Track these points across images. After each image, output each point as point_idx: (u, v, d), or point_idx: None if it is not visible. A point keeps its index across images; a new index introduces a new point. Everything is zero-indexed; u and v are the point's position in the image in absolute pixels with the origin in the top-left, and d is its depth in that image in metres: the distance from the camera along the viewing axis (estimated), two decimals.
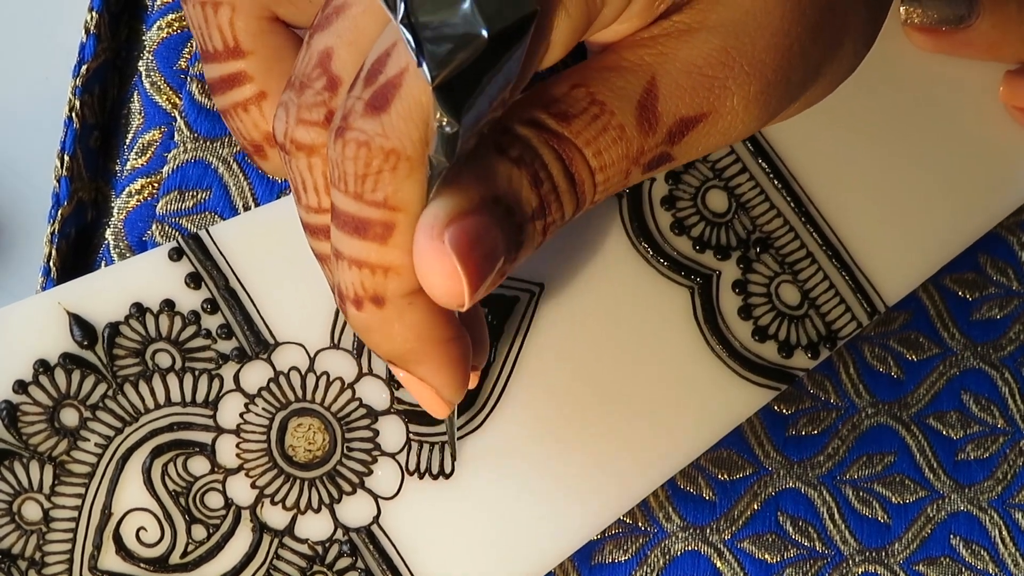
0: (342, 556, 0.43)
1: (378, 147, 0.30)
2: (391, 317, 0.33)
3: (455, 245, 0.30)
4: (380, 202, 0.31)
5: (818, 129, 0.48)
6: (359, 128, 0.31)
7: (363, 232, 0.32)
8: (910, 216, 0.48)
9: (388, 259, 0.32)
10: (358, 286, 0.33)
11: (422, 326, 0.34)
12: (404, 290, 0.32)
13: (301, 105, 0.33)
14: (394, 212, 0.31)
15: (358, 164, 0.31)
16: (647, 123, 0.32)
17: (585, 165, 0.32)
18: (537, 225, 0.32)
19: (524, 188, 0.32)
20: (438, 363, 0.35)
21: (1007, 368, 0.49)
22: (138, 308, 0.43)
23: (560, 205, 0.32)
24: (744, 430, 0.48)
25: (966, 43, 0.48)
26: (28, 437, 0.42)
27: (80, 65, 0.49)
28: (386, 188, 0.31)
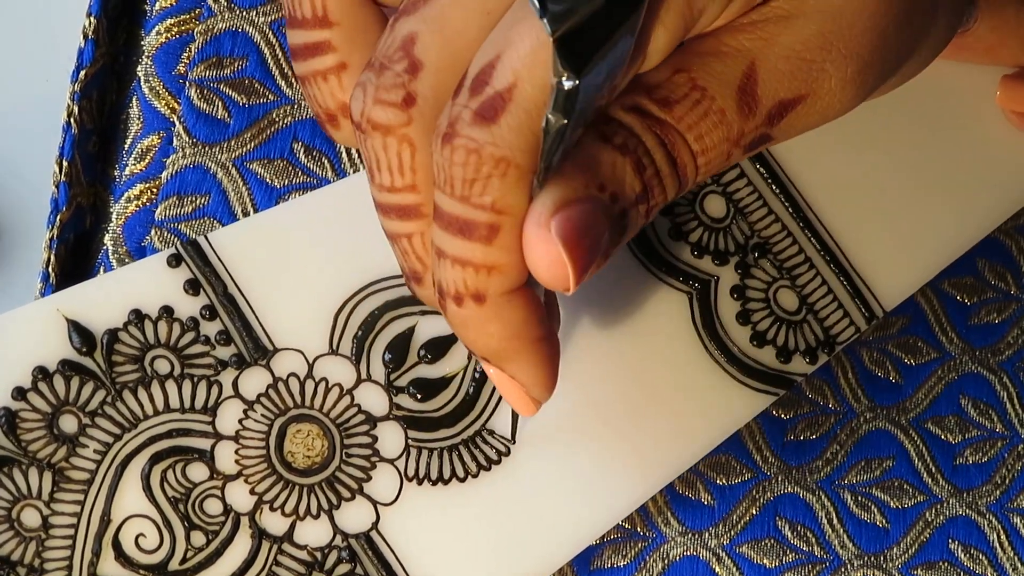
0: (341, 562, 0.43)
1: (488, 155, 0.31)
2: (490, 315, 0.34)
3: (560, 233, 0.31)
4: (487, 205, 0.32)
5: (815, 135, 0.48)
6: (468, 136, 0.31)
7: (468, 233, 0.33)
8: (908, 221, 0.48)
9: (492, 259, 0.33)
10: (460, 284, 0.34)
11: (518, 324, 0.34)
12: (505, 288, 0.33)
13: (380, 86, 0.34)
14: (500, 215, 0.32)
15: (467, 169, 0.32)
16: (747, 107, 0.33)
17: (687, 149, 0.33)
18: (640, 209, 0.33)
19: (628, 175, 0.32)
20: (530, 361, 0.36)
21: (1005, 372, 0.49)
22: (137, 314, 0.43)
23: (663, 188, 0.33)
24: (743, 435, 0.48)
25: (963, 47, 0.48)
26: (27, 444, 0.42)
27: (78, 70, 0.49)
28: (494, 193, 0.32)
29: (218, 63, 0.48)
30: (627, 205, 0.33)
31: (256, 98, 0.48)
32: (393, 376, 0.44)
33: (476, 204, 0.32)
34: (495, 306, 0.34)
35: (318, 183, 0.47)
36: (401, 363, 0.44)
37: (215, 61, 0.48)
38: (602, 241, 0.32)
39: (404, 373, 0.44)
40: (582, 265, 0.32)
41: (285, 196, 0.47)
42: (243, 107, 0.48)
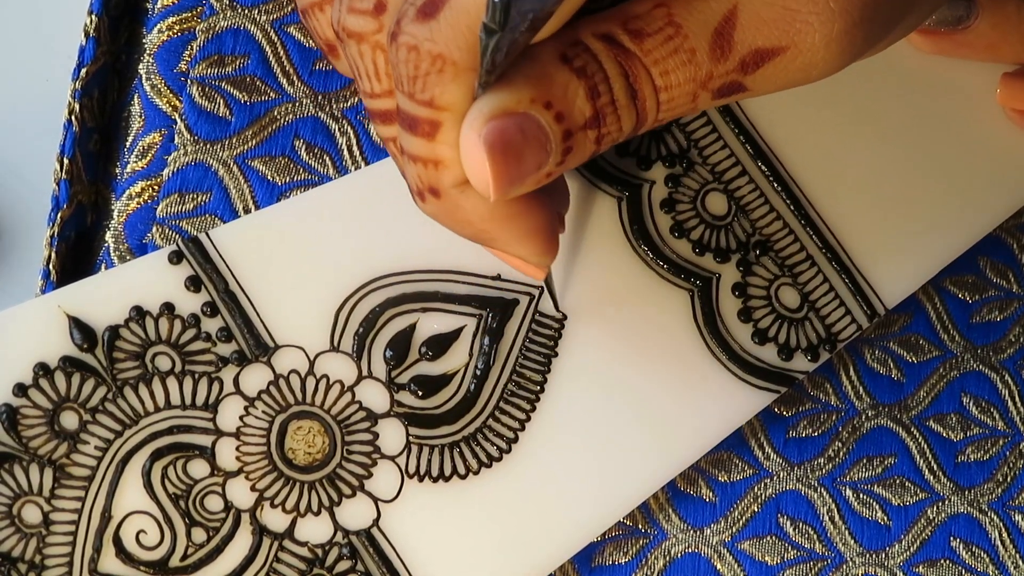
0: (342, 559, 0.43)
1: (426, 51, 0.32)
2: (450, 206, 0.35)
3: (487, 141, 0.32)
4: (427, 101, 0.32)
5: (817, 131, 0.48)
6: (409, 32, 0.32)
7: (414, 128, 0.33)
8: (909, 219, 0.48)
9: (436, 153, 0.33)
10: (416, 179, 0.35)
11: (481, 210, 0.35)
12: (454, 182, 0.34)
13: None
14: (440, 111, 0.33)
15: (408, 66, 0.32)
16: (720, 50, 0.33)
17: (650, 83, 0.33)
18: (589, 134, 0.34)
19: (580, 98, 0.33)
20: (513, 237, 0.36)
21: (1007, 370, 0.49)
22: (138, 311, 0.43)
23: (618, 119, 0.34)
24: (744, 432, 0.48)
25: (964, 44, 0.48)
26: (28, 440, 0.42)
27: (80, 68, 0.49)
28: (432, 89, 0.32)
29: (220, 61, 0.48)
30: (573, 127, 0.33)
31: (257, 96, 0.48)
32: (394, 373, 0.44)
33: (418, 100, 0.33)
34: (452, 198, 0.35)
35: (319, 180, 0.47)
36: (402, 360, 0.44)
37: (217, 59, 0.48)
38: (536, 157, 0.33)
39: (405, 370, 0.44)
40: (504, 176, 0.32)
41: (286, 193, 0.47)
42: (244, 105, 0.48)
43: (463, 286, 0.45)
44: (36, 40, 0.68)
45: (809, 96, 0.48)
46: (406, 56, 0.32)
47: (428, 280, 0.45)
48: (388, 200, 0.45)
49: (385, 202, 0.45)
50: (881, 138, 0.48)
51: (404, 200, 0.45)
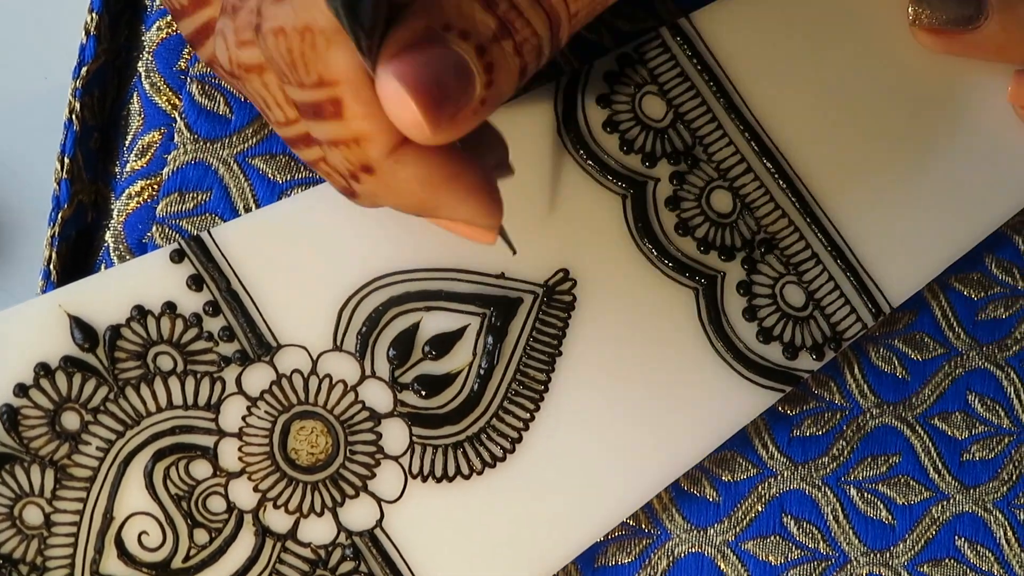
0: (345, 560, 0.43)
1: (292, 29, 0.31)
2: (388, 179, 0.34)
3: (402, 81, 0.31)
4: (316, 82, 0.32)
5: (824, 129, 0.48)
6: (271, 16, 0.31)
7: (320, 114, 0.32)
8: (915, 216, 0.48)
9: (352, 129, 0.32)
10: (344, 163, 0.34)
11: (420, 175, 0.34)
12: (383, 151, 0.33)
13: (237, 27, 0.34)
14: (334, 86, 0.32)
15: (282, 52, 0.31)
16: None
17: None
18: (505, 45, 0.33)
19: (477, 11, 0.32)
20: (456, 200, 0.35)
21: (1013, 368, 0.49)
22: (139, 310, 0.43)
23: (527, 22, 0.33)
24: (748, 431, 0.47)
25: (974, 44, 0.48)
26: (29, 441, 0.42)
27: (80, 67, 0.49)
28: (316, 66, 0.31)
29: None
30: (483, 41, 0.32)
31: None
32: (397, 372, 0.44)
33: (309, 84, 0.32)
34: (386, 170, 0.34)
35: (320, 179, 0.47)
36: (405, 359, 0.44)
37: None
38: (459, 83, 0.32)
39: (408, 369, 0.44)
40: (435, 110, 0.31)
41: (287, 192, 0.47)
42: (244, 103, 0.47)
43: (467, 284, 0.45)
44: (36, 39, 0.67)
45: (815, 94, 0.48)
46: (275, 43, 0.31)
47: (431, 279, 0.44)
48: None
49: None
50: (886, 136, 0.48)
51: None
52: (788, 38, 0.48)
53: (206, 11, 0.39)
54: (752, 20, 0.48)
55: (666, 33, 0.47)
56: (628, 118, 0.47)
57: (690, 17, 0.48)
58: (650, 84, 0.47)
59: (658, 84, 0.47)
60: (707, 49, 0.48)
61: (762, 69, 0.48)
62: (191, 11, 0.39)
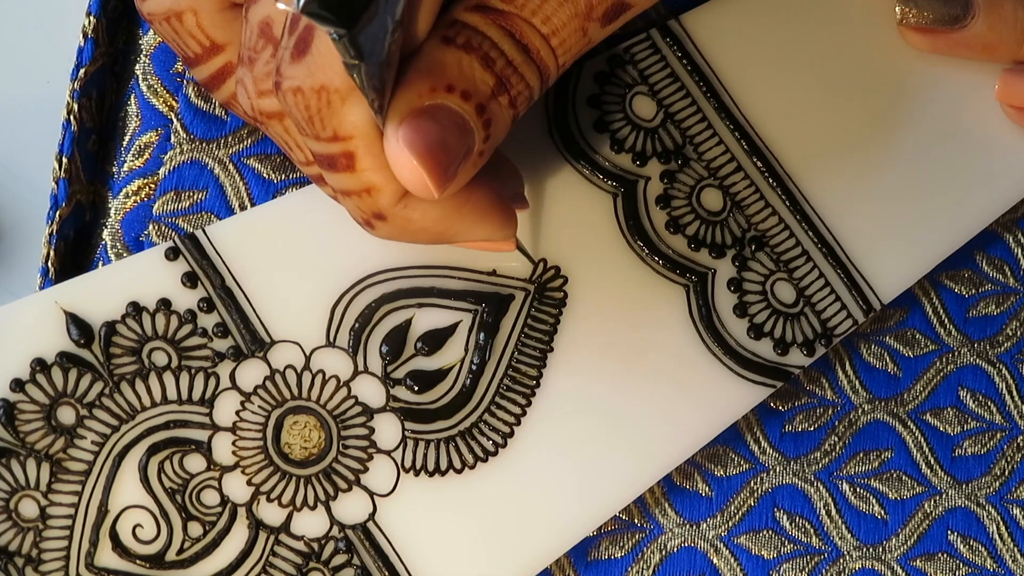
0: (338, 553, 0.43)
1: (309, 88, 0.32)
2: (401, 224, 0.35)
3: (408, 143, 0.32)
4: (332, 136, 0.33)
5: (813, 127, 0.48)
6: (289, 76, 0.33)
7: (334, 166, 0.34)
8: (906, 213, 0.48)
9: (364, 182, 0.34)
10: (358, 212, 0.35)
11: (431, 215, 0.36)
12: (393, 200, 0.35)
13: (256, 78, 0.35)
14: (347, 141, 0.33)
15: (300, 109, 0.33)
16: None
17: (536, 34, 0.34)
18: (502, 101, 0.34)
19: (477, 70, 0.34)
20: (470, 225, 0.37)
21: (1004, 364, 0.49)
22: (135, 307, 0.44)
23: (522, 77, 0.34)
24: (740, 427, 0.48)
25: (961, 43, 0.48)
26: (25, 435, 0.43)
27: (78, 69, 0.50)
28: (330, 122, 0.33)
29: None
30: (483, 100, 0.34)
31: None
32: (390, 368, 0.44)
33: (324, 139, 0.33)
34: (399, 215, 0.35)
35: None
36: (398, 355, 0.44)
37: None
38: (460, 141, 0.33)
39: (401, 365, 0.44)
40: (439, 169, 0.33)
41: (282, 191, 0.47)
42: None
43: (458, 281, 0.45)
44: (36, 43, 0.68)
45: (804, 93, 0.48)
46: (294, 100, 0.33)
47: (424, 276, 0.45)
48: None
49: None
50: (877, 133, 0.48)
51: None
52: (777, 38, 0.49)
53: (220, 58, 0.41)
54: (741, 21, 0.49)
55: (656, 34, 0.48)
56: (619, 118, 0.47)
57: (679, 19, 0.48)
58: (640, 84, 0.47)
59: (648, 84, 0.48)
60: (696, 50, 0.48)
61: (751, 69, 0.48)
62: (205, 59, 0.41)
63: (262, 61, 0.35)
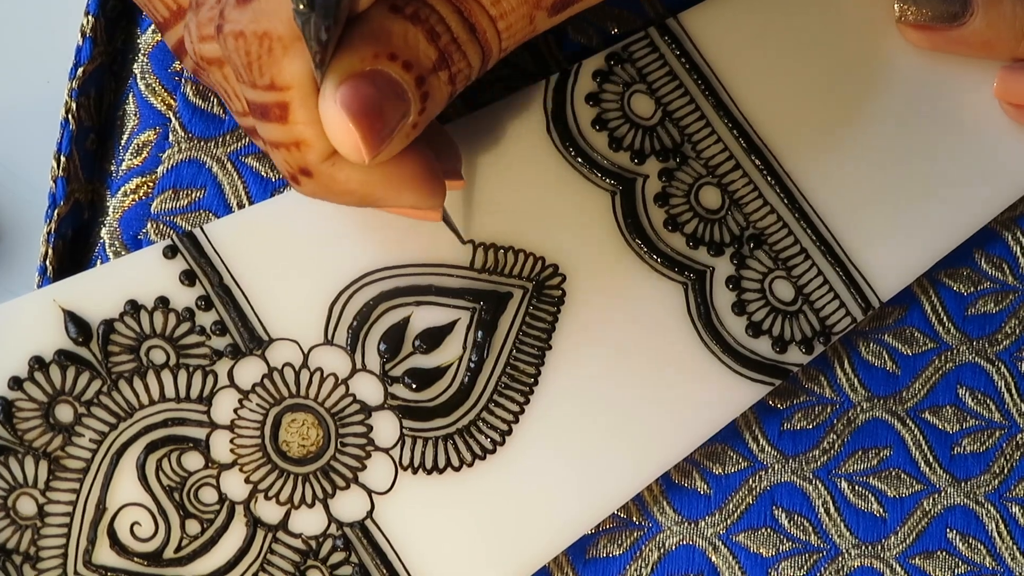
0: (336, 550, 0.43)
1: (251, 33, 0.32)
2: (327, 182, 0.35)
3: (345, 104, 0.32)
4: (268, 85, 0.33)
5: (811, 126, 0.48)
6: (232, 19, 0.33)
7: (266, 115, 0.34)
8: (904, 211, 0.48)
9: (294, 135, 0.34)
10: (285, 165, 0.35)
11: (357, 176, 0.35)
12: (321, 156, 0.35)
13: (200, 22, 0.35)
14: (283, 91, 0.33)
15: (240, 54, 0.33)
16: None
17: (484, 14, 0.34)
18: (441, 76, 0.34)
19: (421, 42, 0.34)
20: (395, 191, 0.36)
21: (1003, 362, 0.49)
22: (133, 305, 0.44)
23: (464, 55, 0.35)
24: (739, 424, 0.48)
25: (960, 41, 0.48)
26: (23, 433, 0.43)
27: (76, 68, 0.50)
28: (269, 70, 0.33)
29: None
30: (424, 72, 0.34)
31: None
32: (388, 366, 0.44)
33: (260, 86, 0.33)
34: (325, 173, 0.35)
35: None
36: (396, 353, 0.44)
37: None
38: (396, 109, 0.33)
39: (399, 363, 0.44)
40: (372, 134, 0.33)
41: (280, 189, 0.47)
42: None
43: (457, 279, 0.45)
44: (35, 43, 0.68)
45: (803, 91, 0.48)
46: (235, 45, 0.33)
47: (422, 274, 0.45)
48: None
49: None
50: (875, 131, 0.48)
51: None
52: (776, 36, 0.49)
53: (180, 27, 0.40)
54: (739, 19, 0.49)
55: (654, 33, 0.48)
56: (617, 116, 0.47)
57: (678, 17, 0.48)
58: (639, 83, 0.47)
59: (647, 83, 0.48)
60: (695, 48, 0.48)
61: (750, 67, 0.48)
62: (172, 23, 0.41)
63: (207, 6, 0.35)
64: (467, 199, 0.45)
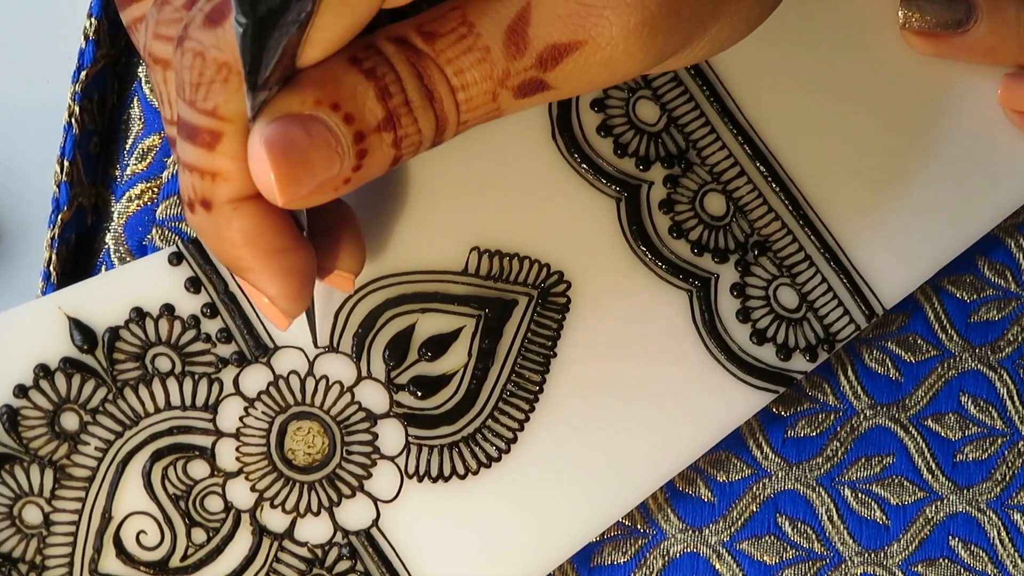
0: (341, 559, 0.43)
1: (212, 59, 0.32)
2: (219, 222, 0.34)
3: (268, 141, 0.32)
4: (209, 111, 0.33)
5: (816, 133, 0.48)
6: (196, 39, 0.32)
7: (194, 138, 0.33)
8: (908, 219, 0.48)
9: (215, 165, 0.33)
10: (190, 189, 0.34)
11: (250, 233, 0.35)
12: (230, 196, 0.34)
13: (160, 20, 0.35)
14: (222, 122, 0.33)
15: (193, 72, 0.32)
16: (515, 47, 0.33)
17: (445, 83, 0.34)
18: (385, 137, 0.34)
19: (369, 99, 0.33)
20: (269, 272, 0.36)
21: (1005, 370, 0.49)
22: (138, 312, 0.44)
23: (414, 120, 0.34)
24: (743, 432, 0.48)
25: (964, 47, 0.48)
26: (29, 441, 0.43)
27: (79, 71, 0.49)
28: (216, 98, 0.32)
29: None
30: (365, 129, 0.33)
31: None
32: (393, 374, 0.44)
33: (200, 109, 0.33)
34: (223, 213, 0.34)
35: None
36: (401, 361, 0.44)
37: None
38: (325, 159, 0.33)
39: (404, 371, 0.44)
40: (290, 178, 0.32)
41: None
42: None
43: (462, 287, 0.45)
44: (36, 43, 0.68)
45: (807, 97, 0.48)
46: (191, 62, 0.32)
47: (427, 281, 0.45)
48: (387, 201, 0.45)
49: (384, 202, 0.45)
50: (878, 139, 0.48)
51: (402, 201, 0.45)
52: (780, 42, 0.49)
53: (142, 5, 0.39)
54: None
55: None
56: (622, 122, 0.47)
57: None
58: (643, 88, 0.47)
59: (651, 88, 0.47)
60: None
61: (755, 73, 0.48)
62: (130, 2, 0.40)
63: (171, 7, 0.34)
64: (472, 206, 0.45)
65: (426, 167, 0.45)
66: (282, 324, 0.39)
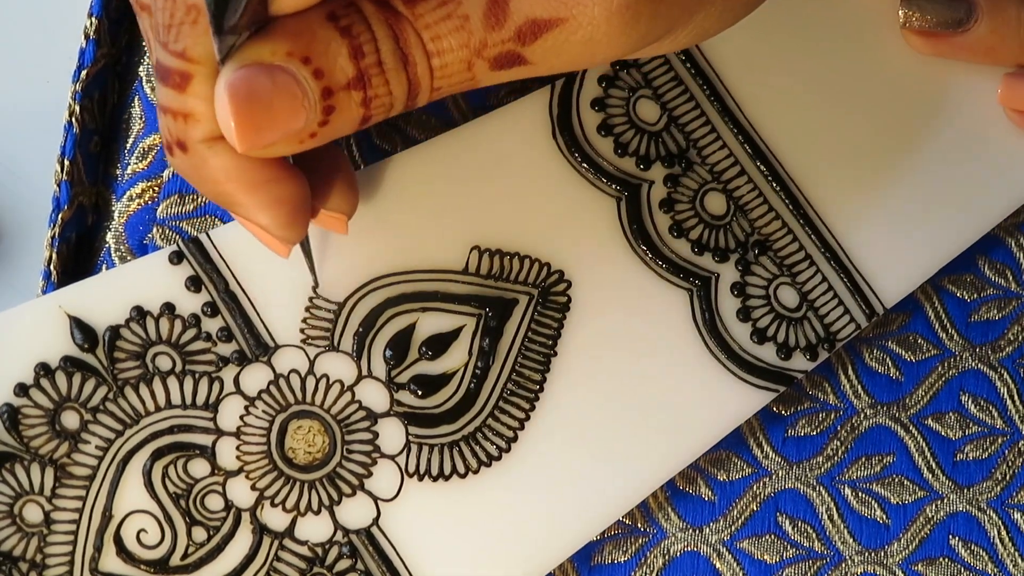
0: (342, 558, 0.43)
1: (182, 0, 0.32)
2: (196, 162, 0.35)
3: (231, 87, 0.32)
4: (179, 52, 0.33)
5: (816, 132, 0.48)
6: None
7: (166, 79, 0.34)
8: (908, 218, 0.48)
9: (187, 106, 0.34)
10: (168, 132, 0.35)
11: (230, 169, 0.35)
12: (202, 136, 0.34)
13: None
14: (191, 64, 0.33)
15: (165, 15, 0.33)
16: (495, 18, 0.33)
17: (420, 48, 0.34)
18: (354, 96, 0.34)
19: (341, 56, 0.33)
20: (258, 203, 0.36)
21: (1006, 369, 0.49)
22: (138, 311, 0.44)
23: (385, 82, 0.34)
24: (743, 431, 0.48)
25: (964, 47, 0.48)
26: (29, 440, 0.43)
27: (80, 70, 0.49)
28: (185, 40, 0.33)
29: None
30: (333, 85, 0.33)
31: None
32: (394, 372, 0.44)
33: (171, 51, 0.33)
34: (198, 154, 0.34)
35: None
36: (402, 359, 0.44)
37: None
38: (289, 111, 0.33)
39: (405, 369, 0.44)
40: (250, 126, 0.32)
41: None
42: None
43: (463, 286, 0.45)
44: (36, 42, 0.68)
45: (808, 97, 0.48)
46: (164, 4, 0.33)
47: (428, 280, 0.45)
48: (388, 200, 0.45)
49: (385, 202, 0.45)
50: (880, 137, 0.49)
51: (404, 200, 0.45)
52: (781, 42, 0.49)
53: None
54: (745, 24, 0.48)
55: None
56: (622, 121, 0.47)
57: None
58: (644, 88, 0.47)
59: (652, 88, 0.47)
60: (700, 53, 0.48)
61: (755, 72, 0.48)
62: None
63: None
64: (473, 205, 0.45)
65: (427, 167, 0.45)
66: (283, 251, 0.40)
